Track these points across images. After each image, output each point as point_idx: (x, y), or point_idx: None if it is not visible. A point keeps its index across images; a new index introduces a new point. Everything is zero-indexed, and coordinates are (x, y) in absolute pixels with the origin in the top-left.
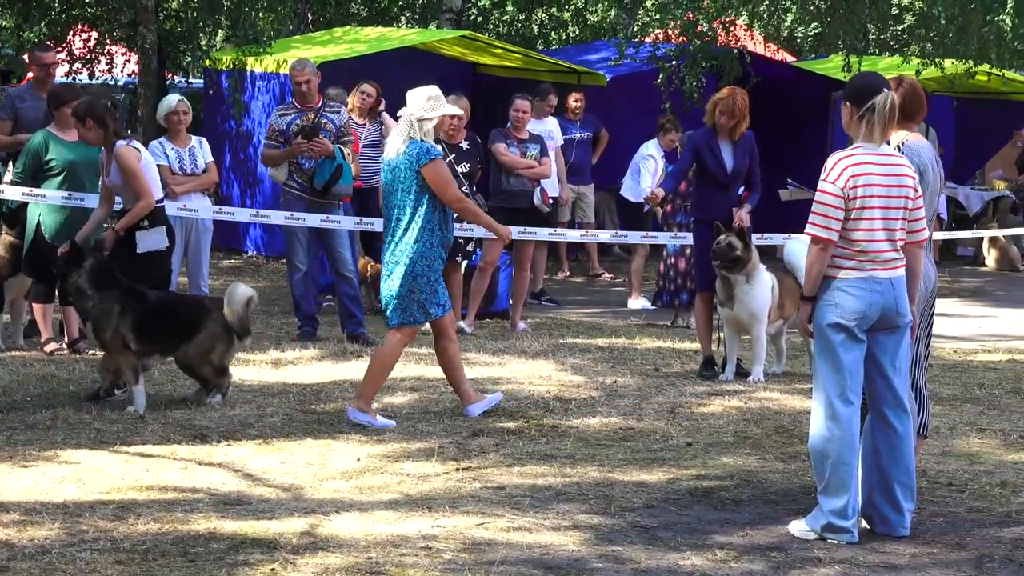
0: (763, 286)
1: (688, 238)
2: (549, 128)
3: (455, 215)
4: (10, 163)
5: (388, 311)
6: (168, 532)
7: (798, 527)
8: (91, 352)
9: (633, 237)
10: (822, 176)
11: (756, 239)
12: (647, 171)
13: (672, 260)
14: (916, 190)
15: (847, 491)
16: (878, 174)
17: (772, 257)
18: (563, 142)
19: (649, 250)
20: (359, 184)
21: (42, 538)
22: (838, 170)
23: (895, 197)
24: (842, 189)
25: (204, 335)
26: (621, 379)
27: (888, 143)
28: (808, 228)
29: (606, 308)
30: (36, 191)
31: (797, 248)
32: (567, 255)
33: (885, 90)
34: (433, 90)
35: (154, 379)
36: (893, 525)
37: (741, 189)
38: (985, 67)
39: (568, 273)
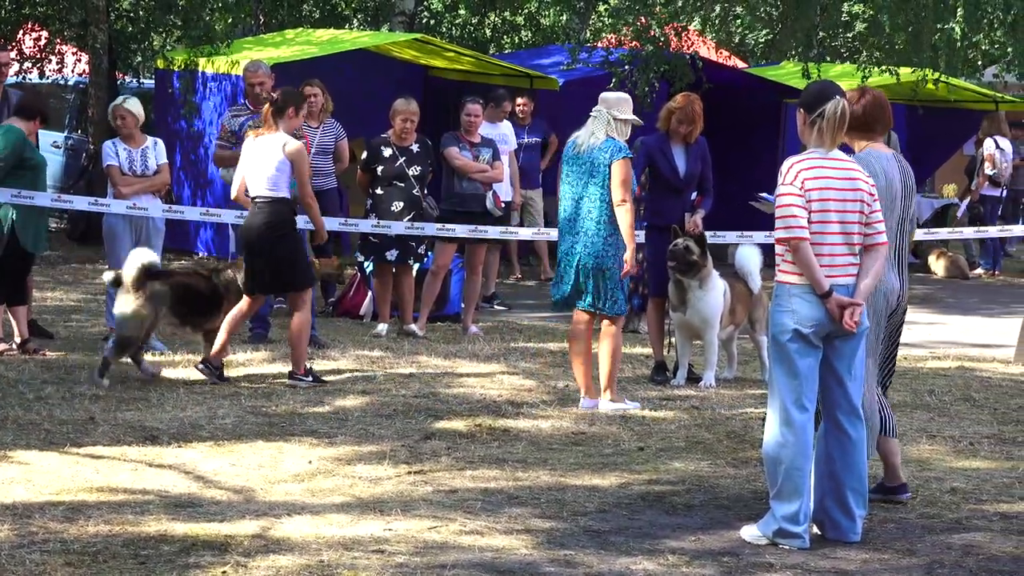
0: (715, 292)
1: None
2: (503, 132)
3: None
4: None
5: (599, 303)
6: (118, 534)
7: (750, 532)
8: (41, 353)
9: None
10: (779, 181)
11: (709, 236)
12: None
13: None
14: (872, 195)
15: (799, 497)
16: (833, 178)
17: (724, 261)
18: (516, 146)
19: None
20: None
21: None
22: (793, 173)
23: (851, 201)
24: (800, 189)
25: None
26: (573, 383)
27: (846, 150)
28: (778, 234)
29: (557, 312)
30: None
31: (748, 253)
32: (518, 259)
33: (837, 97)
34: (627, 96)
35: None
36: (844, 531)
37: (694, 195)
38: (933, 75)
39: (520, 277)
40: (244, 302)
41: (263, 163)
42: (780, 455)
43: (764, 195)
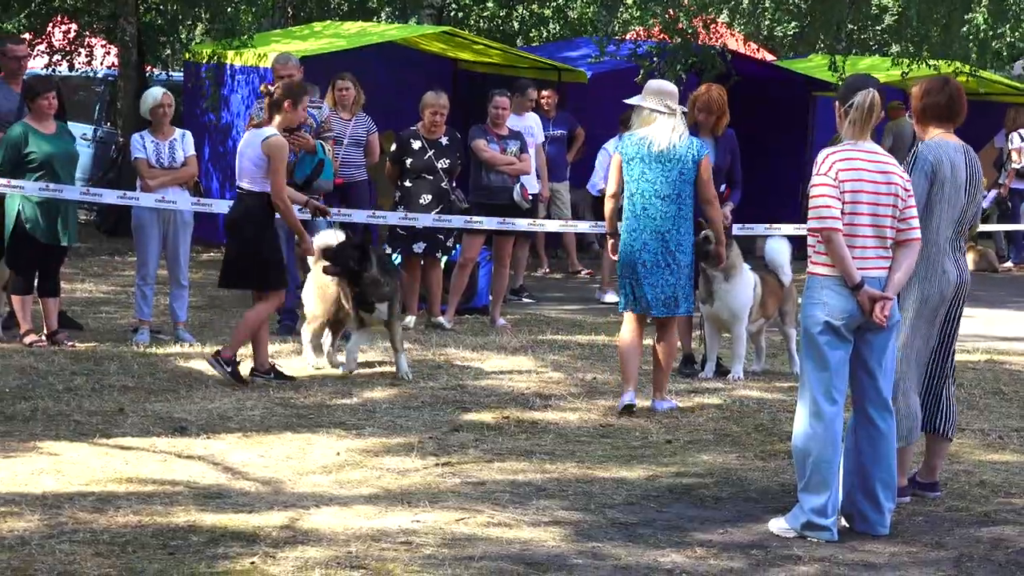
0: (744, 285)
1: None
2: (529, 124)
3: None
4: None
5: (676, 300)
6: (148, 525)
7: (778, 525)
8: (70, 344)
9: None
10: (814, 172)
11: (737, 229)
12: (600, 166)
13: None
14: (907, 189)
15: (828, 489)
16: (867, 170)
17: (753, 254)
18: (543, 138)
19: None
20: (338, 181)
21: (21, 529)
22: (828, 164)
23: (884, 195)
24: (834, 179)
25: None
26: (601, 376)
27: (885, 141)
28: (811, 224)
29: (585, 305)
30: (14, 182)
31: (778, 246)
32: (546, 252)
33: (869, 88)
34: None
35: (132, 371)
36: (873, 524)
37: (723, 187)
38: (966, 68)
39: (547, 270)
40: (264, 301)
41: (245, 156)
42: (808, 447)
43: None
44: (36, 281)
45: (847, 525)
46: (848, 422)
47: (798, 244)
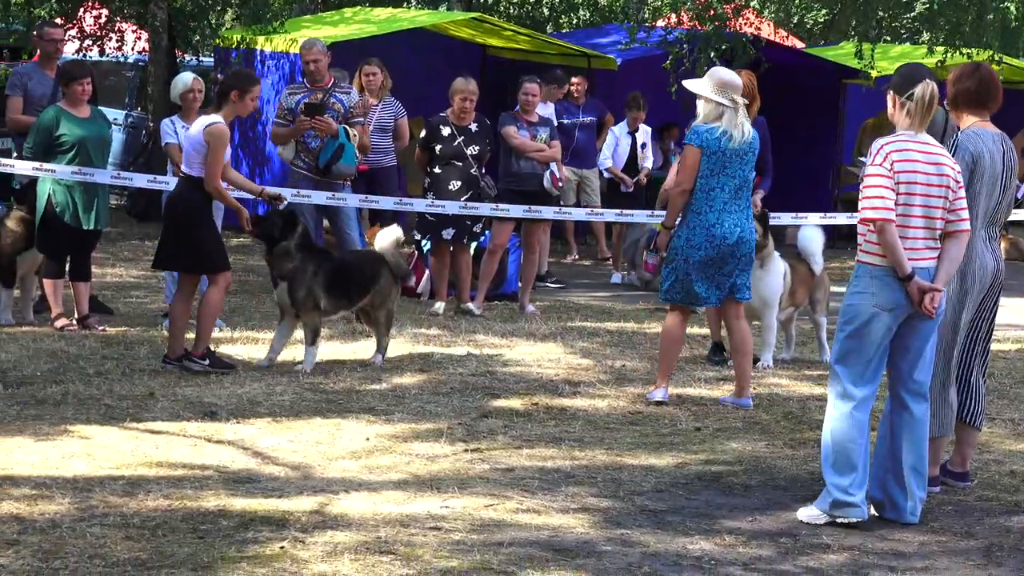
0: (775, 273)
1: None
2: (548, 113)
3: None
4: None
5: (737, 287)
6: (178, 509)
7: (807, 513)
8: (101, 328)
9: (639, 216)
10: (868, 161)
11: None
12: (607, 147)
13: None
14: (958, 181)
15: (853, 470)
16: (921, 161)
17: (782, 242)
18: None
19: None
20: (364, 167)
21: (52, 512)
22: (883, 154)
23: (936, 186)
24: (889, 170)
25: (380, 289)
26: (630, 363)
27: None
28: (864, 213)
29: (614, 292)
30: (46, 166)
31: (811, 234)
32: (575, 239)
33: (927, 79)
34: None
35: (162, 355)
36: (902, 511)
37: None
38: (996, 56)
39: (577, 256)
40: (214, 286)
41: (188, 140)
42: (835, 429)
43: (862, 159)
44: (68, 265)
45: (876, 513)
46: (884, 408)
47: (828, 233)
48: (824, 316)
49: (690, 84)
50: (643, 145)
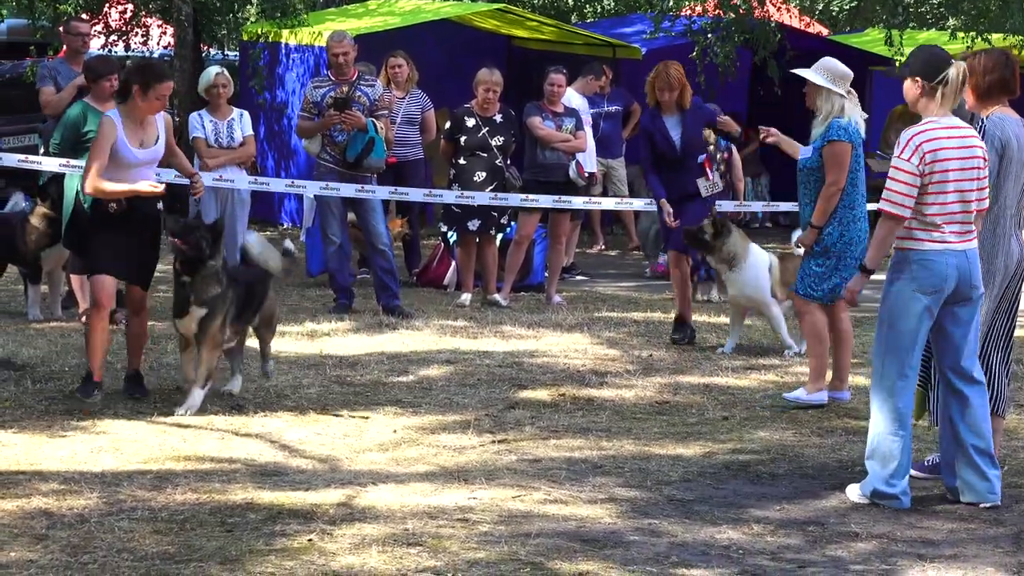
0: (754, 268)
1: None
2: (576, 104)
3: None
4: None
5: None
6: (205, 502)
7: (854, 492)
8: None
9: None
10: (896, 152)
11: (762, 207)
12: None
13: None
14: (985, 160)
15: (894, 459)
16: (952, 147)
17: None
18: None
19: None
20: (392, 160)
21: (81, 507)
22: (912, 147)
23: (968, 169)
24: (917, 166)
25: (269, 301)
26: (656, 353)
27: (968, 115)
28: (882, 204)
29: (641, 282)
30: (73, 162)
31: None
32: (602, 229)
33: (957, 61)
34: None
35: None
36: (981, 492)
37: (701, 157)
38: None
39: (603, 247)
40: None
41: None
42: (877, 421)
43: (880, 153)
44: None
45: (952, 498)
46: (940, 397)
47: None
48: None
49: (809, 75)
50: None
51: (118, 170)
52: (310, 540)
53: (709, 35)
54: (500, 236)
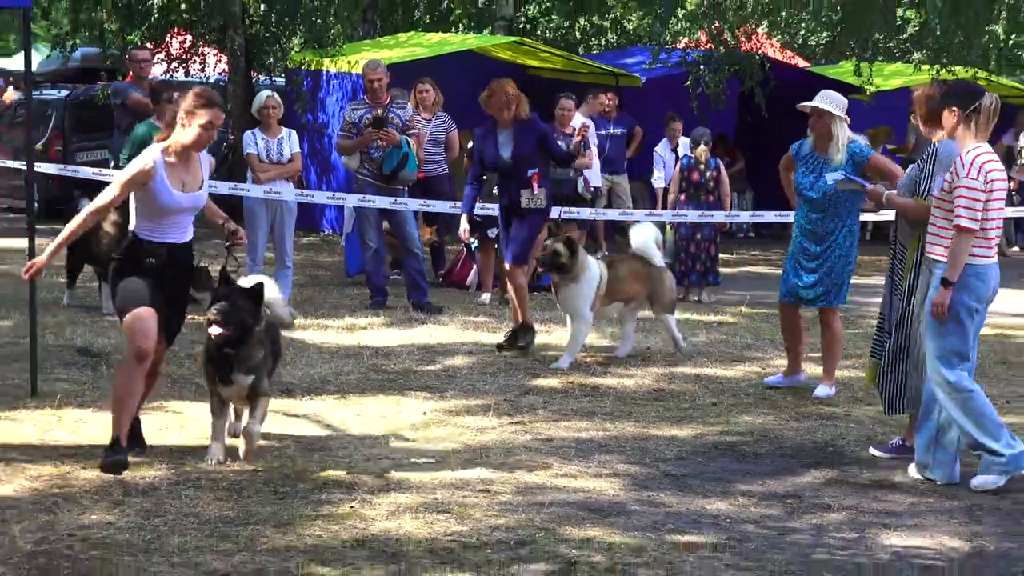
0: (586, 283)
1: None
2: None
3: None
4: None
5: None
6: (260, 473)
7: (980, 480)
8: (190, 316)
9: (666, 216)
10: (963, 173)
11: (749, 216)
12: (657, 167)
13: (683, 243)
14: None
15: (998, 426)
16: (1000, 168)
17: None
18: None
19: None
20: (421, 175)
21: (152, 477)
22: (978, 167)
23: (1003, 190)
24: (984, 184)
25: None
26: (653, 346)
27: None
28: (965, 223)
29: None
30: None
31: (641, 231)
32: (604, 238)
33: (989, 95)
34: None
35: None
36: (947, 472)
37: (532, 172)
38: (983, 73)
39: (606, 253)
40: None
41: None
42: (970, 408)
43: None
44: None
45: (919, 473)
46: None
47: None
48: (671, 316)
49: (827, 107)
50: (685, 156)
51: (154, 215)
52: (352, 507)
53: (702, 67)
54: None
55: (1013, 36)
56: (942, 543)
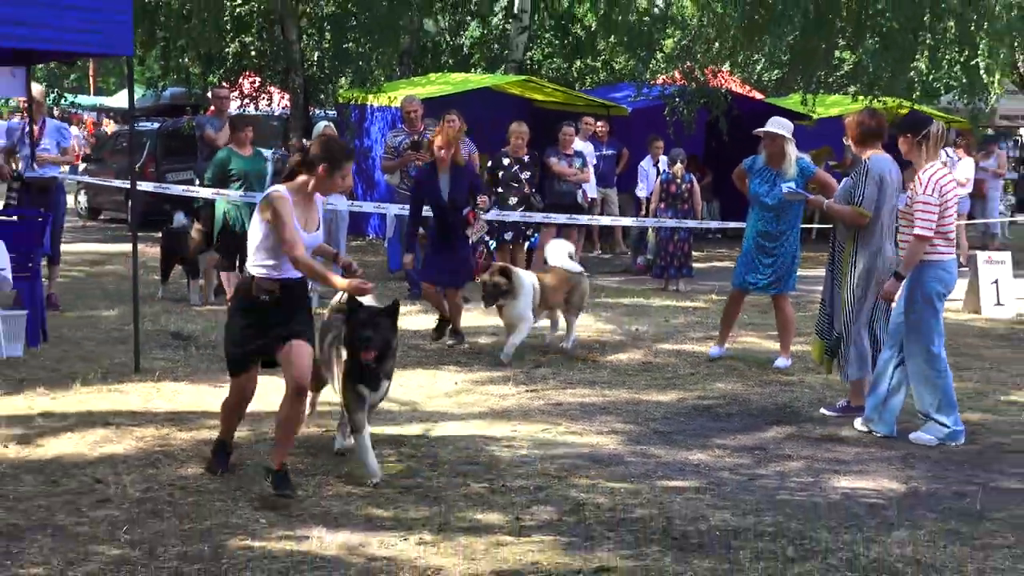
0: (524, 297)
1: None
2: (581, 148)
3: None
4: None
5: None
6: (326, 434)
7: (918, 436)
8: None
9: (649, 221)
10: (920, 191)
11: (717, 224)
12: (640, 178)
13: (663, 243)
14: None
15: (953, 407)
16: (950, 182)
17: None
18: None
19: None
20: None
21: (235, 438)
22: (932, 184)
23: (953, 198)
24: (936, 199)
25: None
26: (641, 327)
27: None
28: (922, 232)
29: (629, 277)
30: (222, 191)
31: (553, 250)
32: (599, 238)
33: (936, 123)
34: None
35: None
36: (890, 427)
37: (466, 211)
38: (907, 103)
39: (600, 251)
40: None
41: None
42: (934, 382)
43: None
44: (237, 261)
45: (867, 427)
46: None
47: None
48: (576, 316)
49: (780, 131)
50: (664, 171)
51: (278, 252)
52: (399, 460)
53: (677, 99)
54: (527, 244)
55: (932, 72)
56: (883, 485)
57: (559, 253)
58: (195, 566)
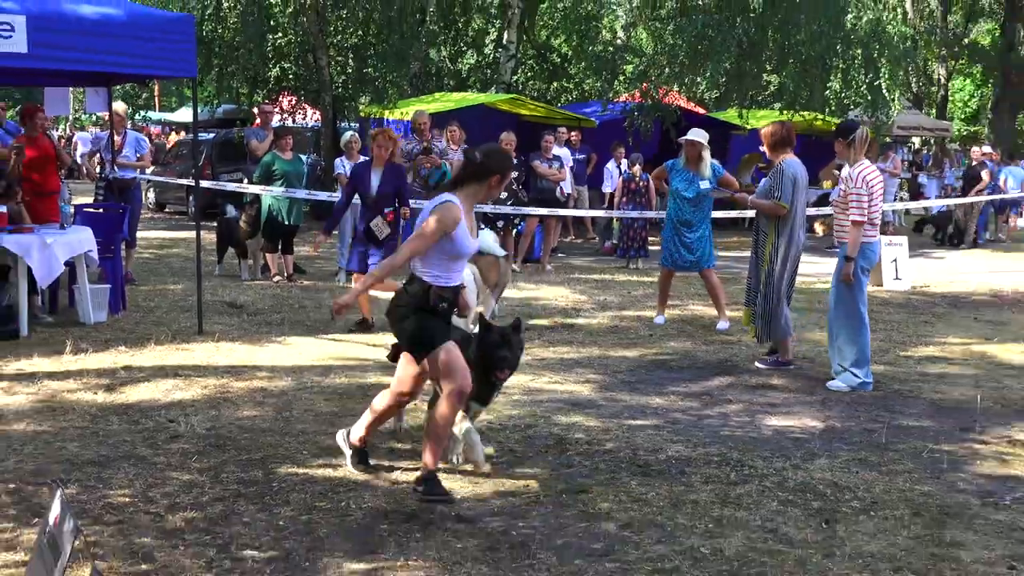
0: (467, 289)
1: (632, 214)
2: (559, 153)
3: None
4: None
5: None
6: (353, 383)
7: (835, 384)
8: (300, 281)
9: (614, 212)
10: (851, 185)
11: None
12: (606, 176)
13: (624, 230)
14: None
15: (866, 362)
16: (877, 176)
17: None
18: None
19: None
20: None
21: (281, 386)
22: (861, 179)
23: (879, 190)
24: (865, 191)
25: None
26: (609, 298)
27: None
28: (853, 216)
29: (596, 258)
30: (267, 188)
31: (485, 236)
32: (573, 227)
33: (861, 127)
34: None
35: (337, 295)
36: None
37: (388, 210)
38: (822, 116)
39: (573, 238)
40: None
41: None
42: (856, 339)
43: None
44: (280, 244)
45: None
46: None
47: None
48: (496, 292)
49: (698, 137)
50: (625, 171)
51: (450, 262)
52: (416, 405)
53: (636, 113)
54: (515, 231)
55: (843, 90)
56: (806, 423)
57: (486, 239)
58: (251, 488)
